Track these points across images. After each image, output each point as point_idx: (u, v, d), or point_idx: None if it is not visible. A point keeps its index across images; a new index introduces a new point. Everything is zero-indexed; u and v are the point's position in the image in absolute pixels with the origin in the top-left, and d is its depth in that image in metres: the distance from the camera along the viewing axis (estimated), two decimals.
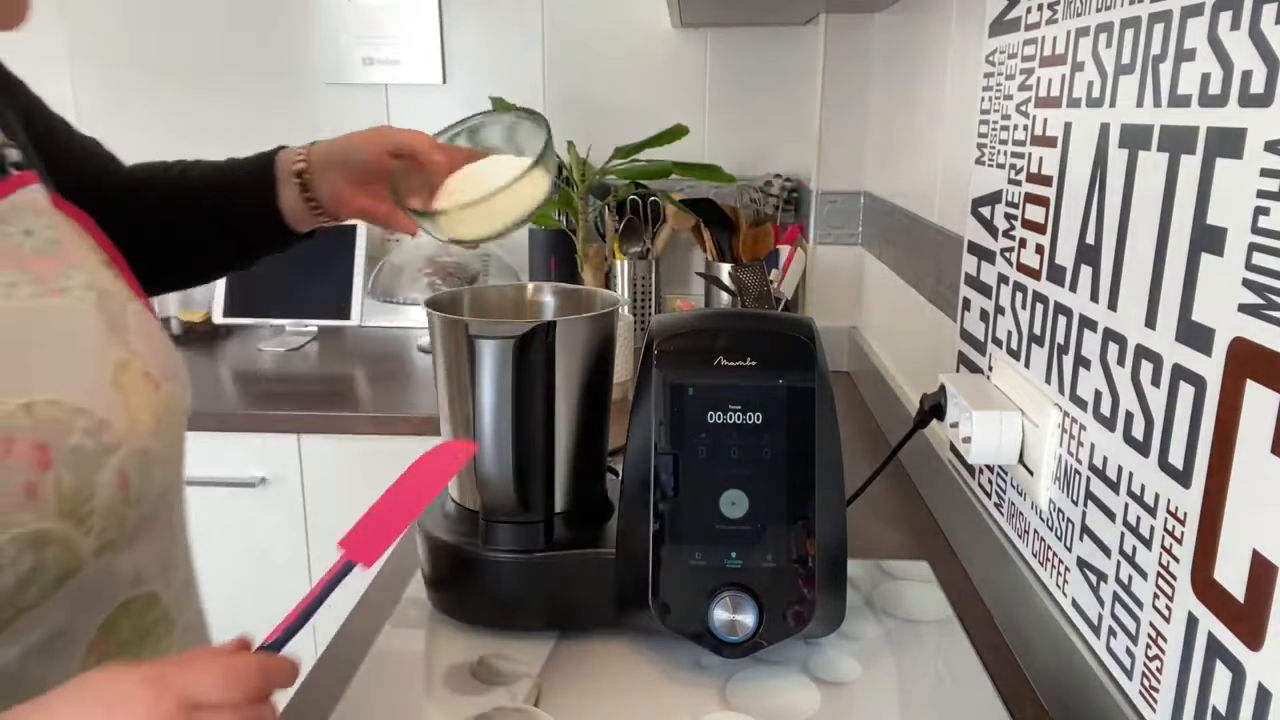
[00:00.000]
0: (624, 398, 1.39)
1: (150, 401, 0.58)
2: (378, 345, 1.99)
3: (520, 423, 0.75)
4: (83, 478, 0.51)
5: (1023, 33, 0.84)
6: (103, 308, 0.58)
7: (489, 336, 0.74)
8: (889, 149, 1.50)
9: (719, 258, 1.87)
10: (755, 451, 0.75)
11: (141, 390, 0.57)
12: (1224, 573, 0.51)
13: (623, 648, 0.80)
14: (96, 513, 0.53)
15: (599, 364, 0.83)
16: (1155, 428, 0.59)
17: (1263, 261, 0.48)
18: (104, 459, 0.53)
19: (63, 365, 0.53)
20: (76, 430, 0.52)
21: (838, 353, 1.71)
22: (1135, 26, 0.62)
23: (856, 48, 1.65)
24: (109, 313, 0.58)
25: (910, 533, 1.05)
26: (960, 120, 1.07)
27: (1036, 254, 0.79)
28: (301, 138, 0.88)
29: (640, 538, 0.76)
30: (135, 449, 0.55)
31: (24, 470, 0.48)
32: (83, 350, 0.55)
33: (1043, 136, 0.78)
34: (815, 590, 0.74)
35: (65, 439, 0.51)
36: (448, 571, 0.83)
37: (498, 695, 0.74)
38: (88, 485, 0.52)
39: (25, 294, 0.54)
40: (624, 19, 1.96)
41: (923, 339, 1.24)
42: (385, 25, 1.99)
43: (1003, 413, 0.80)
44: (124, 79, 2.07)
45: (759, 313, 0.87)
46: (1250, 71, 0.49)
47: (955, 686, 0.75)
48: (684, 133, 1.67)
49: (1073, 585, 0.72)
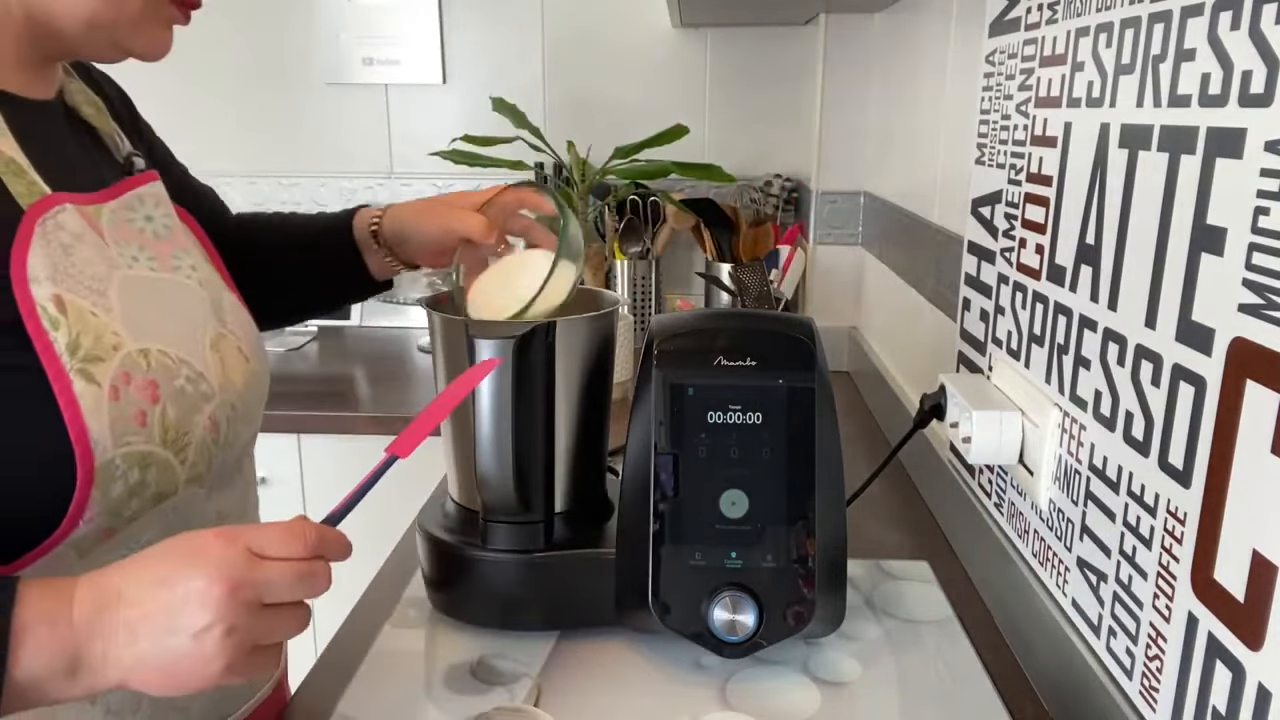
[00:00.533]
0: (624, 398, 1.39)
1: (241, 369, 0.71)
2: (378, 345, 1.99)
3: (520, 423, 0.75)
4: (183, 415, 0.63)
5: (1023, 33, 0.84)
6: (205, 288, 0.70)
7: (489, 336, 0.74)
8: (889, 149, 1.50)
9: (719, 258, 1.88)
10: (755, 451, 0.75)
11: (235, 359, 0.70)
12: (1224, 573, 0.51)
13: (623, 648, 0.80)
14: (191, 446, 0.64)
15: (599, 364, 0.83)
16: (1155, 428, 0.59)
17: (1263, 261, 0.48)
18: (201, 404, 0.64)
19: (173, 325, 0.65)
20: (181, 376, 0.63)
21: (838, 353, 1.71)
22: (1135, 26, 0.62)
23: (856, 48, 1.65)
24: (210, 294, 0.71)
25: (910, 533, 1.05)
26: (960, 120, 1.07)
27: (1036, 254, 0.79)
28: (301, 138, 0.91)
29: (640, 538, 0.76)
30: (226, 401, 0.67)
31: (138, 401, 0.59)
32: (188, 317, 0.67)
33: (1043, 136, 0.78)
34: (815, 590, 0.74)
35: (172, 381, 0.62)
36: (448, 571, 0.83)
37: (498, 695, 0.74)
38: (187, 422, 0.63)
39: (144, 266, 0.66)
40: (624, 19, 1.96)
41: (923, 339, 1.24)
42: (385, 25, 1.99)
43: (1003, 413, 0.80)
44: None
45: (759, 313, 0.87)
46: (1250, 71, 0.49)
47: (955, 686, 0.75)
48: (684, 133, 1.67)
49: (1073, 585, 0.72)
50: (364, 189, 2.07)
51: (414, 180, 2.06)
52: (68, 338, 0.56)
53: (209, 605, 0.50)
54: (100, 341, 0.58)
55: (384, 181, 2.07)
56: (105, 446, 0.57)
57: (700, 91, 1.99)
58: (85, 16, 0.61)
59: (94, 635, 0.50)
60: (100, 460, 0.57)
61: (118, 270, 0.62)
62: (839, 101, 1.68)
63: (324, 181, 2.06)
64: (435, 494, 0.92)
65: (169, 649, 0.50)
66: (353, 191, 2.07)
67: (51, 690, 0.50)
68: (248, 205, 2.08)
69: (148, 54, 0.66)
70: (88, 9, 0.61)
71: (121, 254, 0.64)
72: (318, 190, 2.06)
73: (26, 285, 0.55)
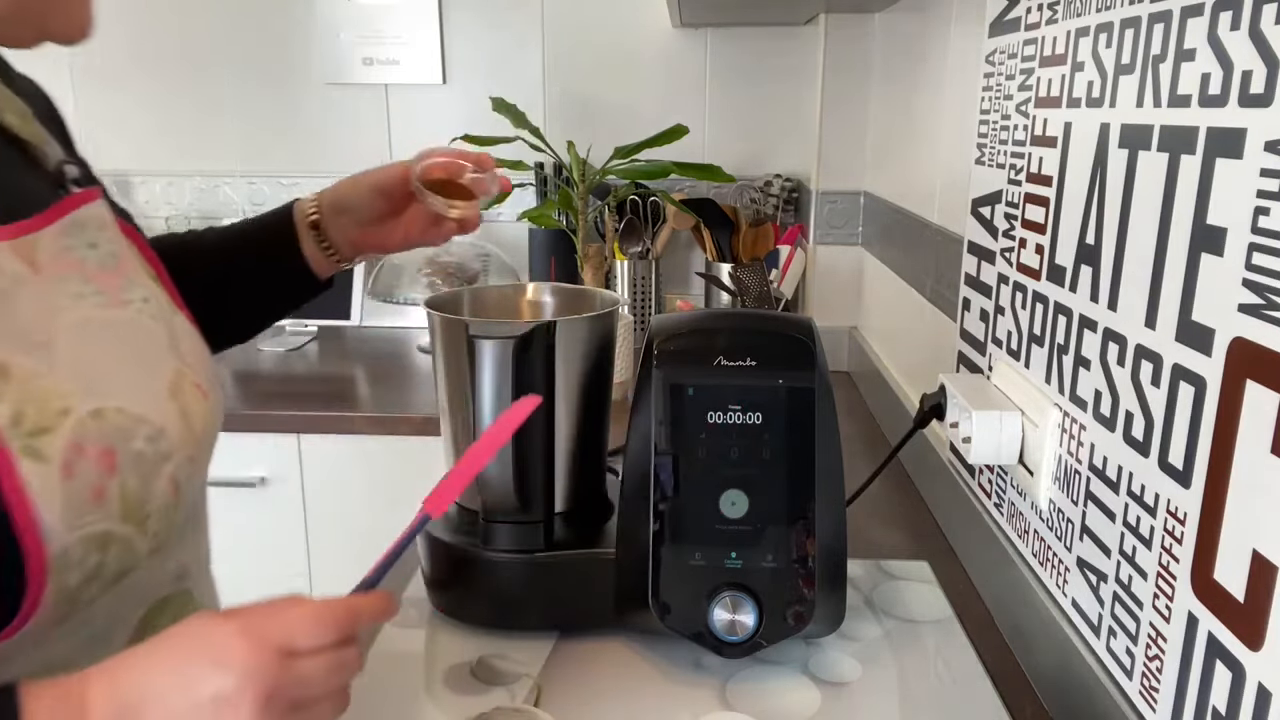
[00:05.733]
0: (624, 398, 1.39)
1: (201, 411, 0.61)
2: (378, 345, 1.99)
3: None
4: (143, 483, 0.54)
5: (1023, 33, 0.84)
6: (159, 320, 0.61)
7: (489, 336, 0.74)
8: (889, 149, 1.50)
9: (719, 258, 1.88)
10: (755, 451, 0.75)
11: (195, 401, 0.61)
12: (1224, 573, 0.51)
13: (623, 648, 0.80)
14: (153, 515, 0.55)
15: (599, 364, 0.83)
16: (1155, 428, 0.59)
17: (1263, 261, 0.48)
18: (161, 465, 0.56)
19: (127, 374, 0.56)
20: (139, 437, 0.54)
21: (838, 353, 1.71)
22: (1135, 26, 0.62)
23: (856, 48, 1.65)
24: (165, 326, 0.61)
25: (910, 533, 1.05)
26: (960, 120, 1.07)
27: (1036, 254, 0.79)
28: (302, 138, 0.90)
29: (640, 538, 0.76)
30: (185, 457, 0.58)
31: (94, 476, 0.51)
32: (144, 361, 0.58)
33: (1043, 136, 0.78)
34: (815, 590, 0.74)
35: (129, 445, 0.53)
36: (448, 571, 0.83)
37: (498, 695, 0.74)
38: (147, 490, 0.55)
39: (91, 304, 0.56)
40: (624, 19, 1.96)
41: (923, 339, 1.24)
42: (385, 25, 1.99)
43: (1003, 413, 0.80)
44: (123, 78, 2.06)
45: (759, 313, 0.87)
46: (1250, 71, 0.49)
47: (955, 686, 0.75)
48: (684, 133, 1.67)
49: (1073, 585, 0.72)
50: None
51: None
52: (11, 410, 0.48)
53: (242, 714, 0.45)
54: (46, 408, 0.50)
55: None
56: (58, 533, 0.49)
57: (700, 91, 1.99)
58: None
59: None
60: (54, 549, 0.49)
61: (62, 314, 0.54)
62: (839, 101, 1.68)
63: (324, 181, 2.05)
64: None
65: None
66: None
67: None
68: (248, 205, 2.08)
69: (69, 35, 0.58)
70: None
71: (64, 291, 0.55)
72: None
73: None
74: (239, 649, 0.46)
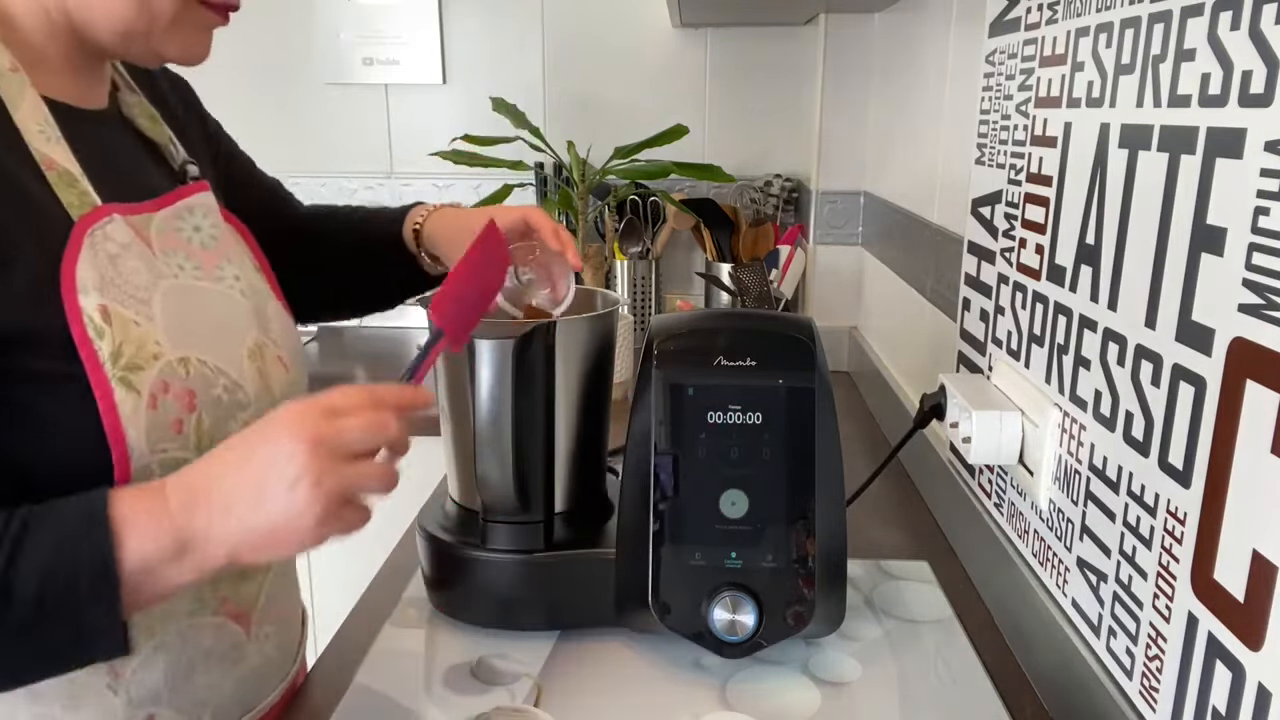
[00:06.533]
0: (624, 398, 1.39)
1: (280, 378, 0.72)
2: (378, 345, 1.99)
3: (520, 423, 0.75)
4: (218, 423, 0.64)
5: (1023, 33, 0.84)
6: (248, 297, 0.72)
7: (489, 336, 0.74)
8: (889, 149, 1.50)
9: (719, 258, 1.87)
10: (755, 451, 0.75)
11: (274, 368, 0.71)
12: (1224, 573, 0.51)
13: (623, 648, 0.80)
14: None
15: (599, 364, 0.83)
16: (1155, 428, 0.59)
17: (1263, 261, 0.48)
18: (236, 412, 0.66)
19: (212, 334, 0.66)
20: (218, 386, 0.65)
21: (838, 353, 1.71)
22: (1135, 26, 0.62)
23: (856, 48, 1.65)
24: (254, 303, 0.72)
25: (910, 533, 1.05)
26: (960, 120, 1.07)
27: (1036, 254, 0.79)
28: (302, 138, 0.91)
29: (640, 538, 0.76)
30: (261, 410, 0.66)
31: (175, 409, 0.61)
32: (229, 326, 0.69)
33: (1043, 136, 0.78)
34: (815, 590, 0.74)
35: (209, 390, 0.64)
36: (448, 571, 0.83)
37: (498, 695, 0.74)
38: (221, 430, 0.64)
39: (189, 275, 0.67)
40: (624, 19, 1.96)
41: (923, 339, 1.24)
42: (385, 25, 1.99)
43: (1003, 413, 0.80)
44: None
45: (759, 313, 0.87)
46: (1250, 71, 0.49)
47: (955, 686, 0.75)
48: (684, 133, 1.66)
49: (1073, 585, 0.72)
50: (364, 189, 2.07)
51: (414, 180, 2.06)
52: (111, 347, 0.58)
53: (295, 460, 0.53)
54: (141, 350, 0.60)
55: (384, 181, 2.07)
56: (142, 453, 0.59)
57: (700, 92, 1.99)
58: (120, 28, 0.63)
59: (194, 517, 0.54)
60: (136, 465, 0.59)
61: (162, 280, 0.64)
62: (839, 101, 1.68)
63: (324, 181, 2.05)
64: (435, 494, 0.92)
65: (266, 514, 0.54)
66: (352, 191, 2.07)
67: (165, 575, 0.54)
68: None
69: (184, 59, 0.68)
70: (121, 19, 0.63)
71: (167, 263, 0.66)
72: (317, 190, 2.05)
73: (75, 295, 0.57)
74: (283, 416, 0.56)
